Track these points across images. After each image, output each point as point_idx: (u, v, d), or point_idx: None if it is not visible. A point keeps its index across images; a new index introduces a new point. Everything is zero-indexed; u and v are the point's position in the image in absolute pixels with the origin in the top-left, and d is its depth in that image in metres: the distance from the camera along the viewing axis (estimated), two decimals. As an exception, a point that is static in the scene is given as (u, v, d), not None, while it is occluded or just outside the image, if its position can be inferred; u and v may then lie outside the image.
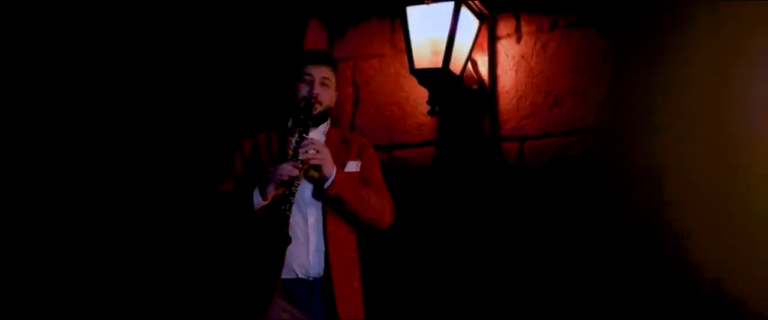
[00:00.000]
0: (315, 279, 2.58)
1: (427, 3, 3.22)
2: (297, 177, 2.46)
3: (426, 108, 3.29)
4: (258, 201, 2.46)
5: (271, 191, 2.47)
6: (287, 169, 2.44)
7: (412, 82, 3.38)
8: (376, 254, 3.40)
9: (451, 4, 3.18)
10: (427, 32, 3.24)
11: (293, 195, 2.45)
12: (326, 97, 2.68)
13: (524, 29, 3.37)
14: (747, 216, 2.86)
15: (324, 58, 2.74)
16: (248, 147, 2.67)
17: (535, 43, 3.34)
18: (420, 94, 3.39)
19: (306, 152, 2.49)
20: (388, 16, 3.64)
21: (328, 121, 2.77)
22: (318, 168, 2.52)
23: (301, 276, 2.55)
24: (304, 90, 2.64)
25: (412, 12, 3.26)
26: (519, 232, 3.27)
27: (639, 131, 3.09)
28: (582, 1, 3.25)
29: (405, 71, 3.38)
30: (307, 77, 2.66)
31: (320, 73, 2.67)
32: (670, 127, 3.03)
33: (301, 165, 2.47)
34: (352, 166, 2.68)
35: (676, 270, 2.95)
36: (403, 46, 3.30)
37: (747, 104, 2.91)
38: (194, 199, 2.67)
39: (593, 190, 3.16)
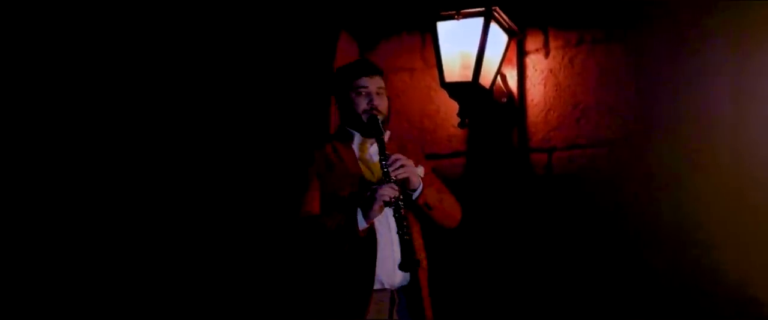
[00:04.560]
0: (399, 288, 2.60)
1: (458, 18, 3.25)
2: (399, 198, 2.49)
3: (456, 120, 3.33)
4: (362, 225, 2.48)
5: (375, 215, 2.49)
6: (388, 191, 2.46)
7: (443, 95, 3.42)
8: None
9: (481, 20, 3.21)
10: (458, 47, 3.27)
11: (404, 218, 2.49)
12: (384, 106, 2.71)
13: (552, 44, 3.41)
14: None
15: (375, 69, 2.75)
16: (320, 159, 2.65)
17: (563, 58, 3.37)
18: (450, 107, 3.43)
19: (395, 169, 2.52)
20: (418, 30, 3.67)
21: (389, 130, 2.77)
22: (407, 180, 2.57)
23: (386, 286, 2.56)
24: (363, 103, 2.67)
25: (443, 27, 3.29)
26: (547, 241, 3.31)
27: (663, 142, 3.13)
28: (608, 17, 3.29)
29: (436, 84, 3.41)
30: (362, 90, 2.68)
31: (375, 83, 2.70)
32: (694, 138, 3.07)
33: (399, 185, 2.51)
34: (420, 171, 2.68)
35: (702, 277, 3.00)
36: (433, 60, 3.34)
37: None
38: (289, 224, 2.60)
39: (619, 200, 3.20)
